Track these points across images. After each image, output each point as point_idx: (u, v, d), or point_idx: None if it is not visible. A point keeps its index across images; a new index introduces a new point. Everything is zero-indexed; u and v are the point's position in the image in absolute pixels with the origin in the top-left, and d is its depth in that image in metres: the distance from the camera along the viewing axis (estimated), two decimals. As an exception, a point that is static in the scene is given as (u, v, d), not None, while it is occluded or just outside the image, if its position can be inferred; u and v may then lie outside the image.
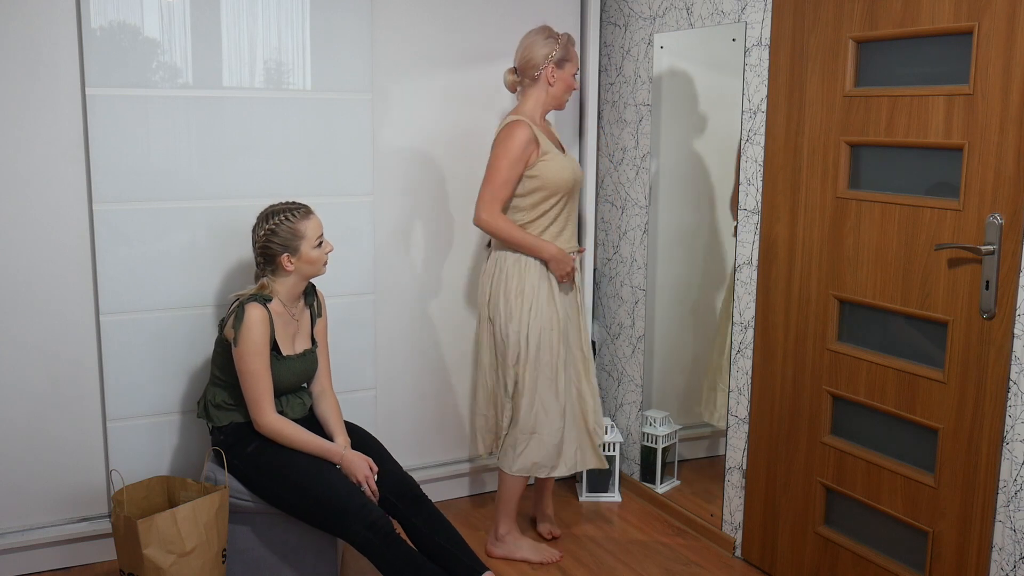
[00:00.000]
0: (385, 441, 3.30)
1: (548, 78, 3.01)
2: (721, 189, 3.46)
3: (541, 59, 2.98)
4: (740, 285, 3.11)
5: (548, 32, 3.02)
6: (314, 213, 2.74)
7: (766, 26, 2.92)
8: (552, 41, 3.00)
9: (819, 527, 2.88)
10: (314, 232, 2.70)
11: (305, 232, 2.68)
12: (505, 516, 3.15)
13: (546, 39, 3.00)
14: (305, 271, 2.73)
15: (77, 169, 2.91)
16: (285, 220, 2.67)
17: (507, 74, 3.09)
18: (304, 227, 2.68)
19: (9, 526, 2.99)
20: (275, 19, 3.05)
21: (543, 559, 3.14)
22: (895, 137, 2.52)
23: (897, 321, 2.60)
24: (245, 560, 2.76)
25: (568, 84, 3.04)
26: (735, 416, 3.18)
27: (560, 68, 3.01)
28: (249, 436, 2.73)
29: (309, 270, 2.74)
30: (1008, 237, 2.25)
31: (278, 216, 2.67)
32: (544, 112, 3.07)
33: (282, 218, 2.67)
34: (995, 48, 2.25)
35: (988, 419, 2.34)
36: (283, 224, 2.66)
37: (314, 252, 2.71)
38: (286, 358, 2.73)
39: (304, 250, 2.69)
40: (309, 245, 2.69)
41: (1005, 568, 2.33)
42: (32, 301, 2.91)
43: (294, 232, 2.67)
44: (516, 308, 3.01)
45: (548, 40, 3.00)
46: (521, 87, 3.07)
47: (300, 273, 2.72)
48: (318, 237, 2.72)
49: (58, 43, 2.83)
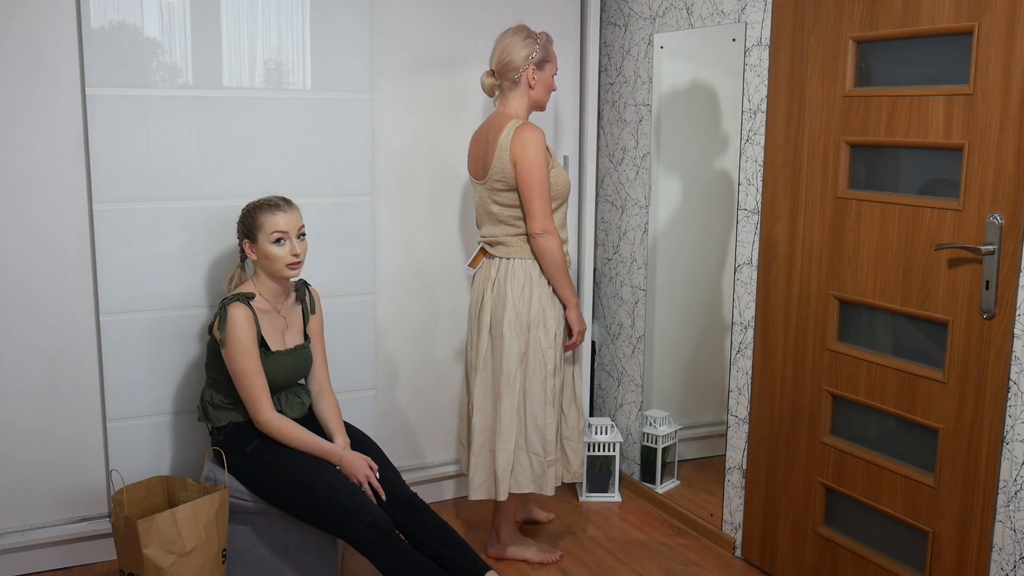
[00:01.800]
0: (384, 441, 3.31)
1: (528, 80, 2.91)
2: (721, 189, 3.46)
3: (521, 61, 2.87)
4: (740, 285, 3.11)
5: (526, 32, 2.91)
6: (285, 211, 2.69)
7: (766, 26, 2.92)
8: (531, 41, 2.89)
9: (819, 527, 2.88)
10: (272, 226, 2.67)
11: (263, 224, 2.68)
12: (507, 519, 3.15)
13: (525, 39, 2.88)
14: (264, 265, 2.72)
15: (77, 169, 2.91)
16: (254, 209, 2.71)
17: (484, 77, 2.95)
18: (264, 219, 2.68)
19: (9, 526, 2.99)
20: (275, 19, 3.05)
21: (544, 559, 3.14)
22: (895, 137, 2.52)
23: (897, 321, 2.60)
24: (245, 560, 2.76)
25: (548, 86, 2.95)
26: (735, 416, 3.18)
27: (540, 70, 2.92)
28: (249, 436, 2.73)
29: (267, 265, 2.71)
30: (1008, 237, 2.25)
31: (252, 204, 2.73)
32: (527, 115, 2.96)
33: (253, 206, 2.72)
34: (995, 48, 2.25)
35: (988, 419, 2.34)
36: (250, 212, 2.71)
37: (271, 247, 2.68)
38: (275, 354, 2.73)
39: (261, 242, 2.69)
40: (266, 238, 2.68)
41: (1005, 568, 2.33)
42: (32, 301, 2.91)
43: (254, 222, 2.70)
44: (552, 315, 2.95)
45: (527, 41, 2.88)
46: (500, 90, 2.95)
47: (262, 267, 2.73)
48: (276, 232, 2.67)
49: (58, 43, 2.83)
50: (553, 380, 2.97)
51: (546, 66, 2.94)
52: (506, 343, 2.92)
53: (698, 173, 3.59)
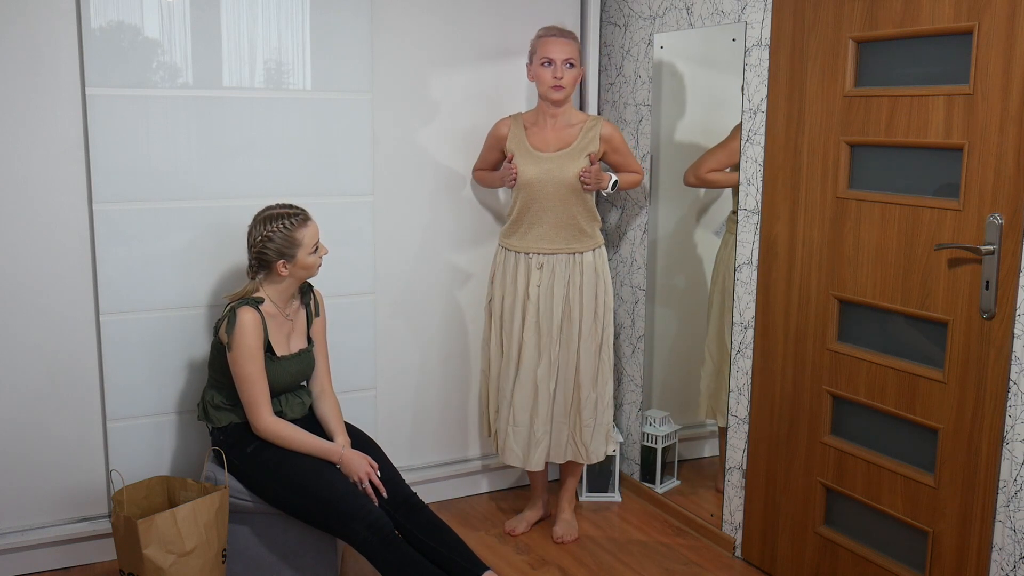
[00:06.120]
0: (385, 441, 3.31)
1: (530, 77, 3.16)
2: (720, 189, 3.46)
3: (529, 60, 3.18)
4: (740, 285, 3.11)
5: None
6: (311, 219, 2.73)
7: (766, 26, 2.92)
8: (532, 41, 3.17)
9: (819, 527, 2.88)
10: (311, 239, 2.70)
11: (302, 240, 2.68)
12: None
13: (532, 41, 3.17)
14: (299, 275, 2.73)
15: (77, 169, 2.91)
16: (282, 228, 2.65)
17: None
18: (302, 235, 2.68)
19: (9, 526, 2.99)
20: (275, 19, 3.05)
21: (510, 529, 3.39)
22: (895, 137, 2.52)
23: (897, 321, 2.60)
24: (245, 560, 2.76)
25: (539, 78, 3.11)
26: (735, 416, 3.18)
27: (531, 64, 3.15)
28: (249, 436, 2.73)
29: (303, 274, 2.74)
30: (1008, 237, 2.25)
31: (275, 223, 2.65)
32: (536, 107, 3.21)
33: (279, 225, 2.65)
34: (995, 48, 2.25)
35: (988, 419, 2.34)
36: (280, 232, 2.65)
37: (309, 258, 2.71)
38: (281, 359, 2.73)
39: (300, 257, 2.68)
40: (305, 252, 2.69)
41: (1005, 568, 2.33)
42: (32, 301, 2.91)
43: (291, 240, 2.66)
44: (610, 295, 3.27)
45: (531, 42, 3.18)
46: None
47: (294, 277, 2.73)
48: (314, 244, 2.71)
49: (58, 43, 2.83)
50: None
51: (534, 58, 3.13)
52: (609, 319, 3.32)
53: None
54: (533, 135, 3.15)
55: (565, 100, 3.12)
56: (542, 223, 3.12)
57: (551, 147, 3.13)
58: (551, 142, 3.13)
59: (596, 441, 3.26)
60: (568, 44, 3.07)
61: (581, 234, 3.15)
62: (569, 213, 3.12)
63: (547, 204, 3.10)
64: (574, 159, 3.09)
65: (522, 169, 3.10)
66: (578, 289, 3.15)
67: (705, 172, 3.29)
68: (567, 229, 3.13)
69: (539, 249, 3.13)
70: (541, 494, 3.43)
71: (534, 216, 3.12)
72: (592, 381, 3.21)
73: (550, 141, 3.13)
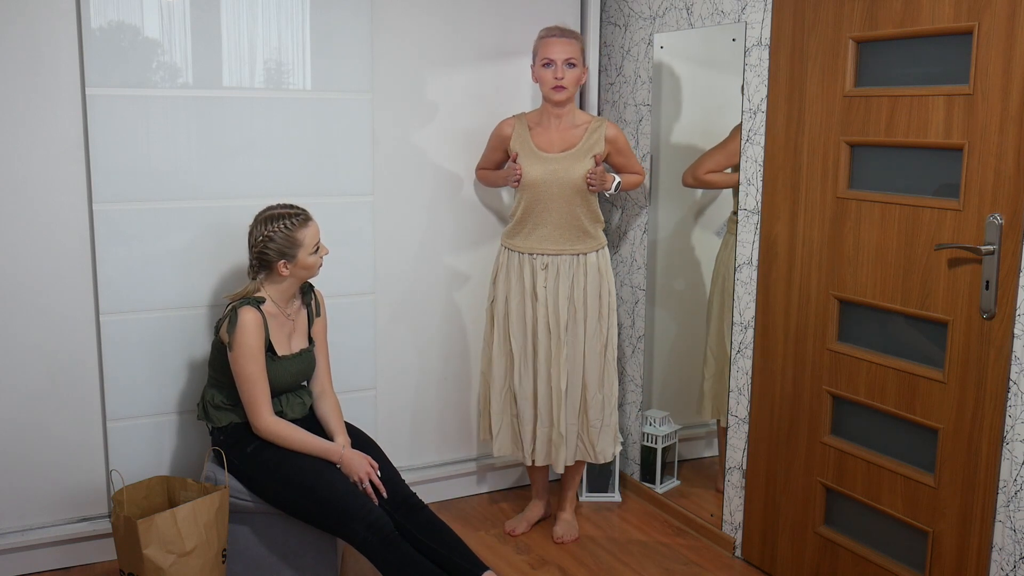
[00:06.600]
0: (384, 441, 3.31)
1: (533, 78, 3.16)
2: (719, 190, 3.46)
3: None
4: (740, 285, 3.11)
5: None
6: (312, 219, 2.73)
7: (766, 26, 2.92)
8: (534, 42, 3.16)
9: (819, 527, 2.88)
10: (312, 240, 2.70)
11: (303, 240, 2.68)
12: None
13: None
14: (300, 275, 2.74)
15: (77, 169, 2.91)
16: (283, 228, 2.65)
17: None
18: (303, 235, 2.68)
19: (9, 526, 2.99)
20: (275, 19, 3.05)
21: (510, 529, 3.38)
22: (895, 137, 2.52)
23: (897, 321, 2.60)
24: (245, 560, 2.76)
25: (540, 79, 3.11)
26: (735, 416, 3.18)
27: (534, 64, 3.15)
28: (249, 436, 2.73)
29: (304, 274, 2.74)
30: (1008, 237, 2.25)
31: (276, 223, 2.66)
32: (540, 107, 3.20)
33: (280, 226, 2.65)
34: (995, 48, 2.25)
35: (988, 419, 2.34)
36: (281, 232, 2.65)
37: (310, 258, 2.71)
38: (282, 358, 2.73)
39: (301, 257, 2.68)
40: (306, 252, 2.69)
41: (1005, 568, 2.33)
42: (32, 301, 2.91)
43: (292, 240, 2.66)
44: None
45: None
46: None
47: (295, 277, 2.73)
48: (315, 244, 2.72)
49: (58, 43, 2.83)
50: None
51: (535, 60, 3.13)
52: (615, 320, 3.34)
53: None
54: (538, 135, 3.15)
55: (568, 100, 3.12)
56: (546, 224, 3.12)
57: (556, 148, 3.13)
58: (556, 143, 3.13)
59: (604, 441, 3.26)
60: (569, 44, 3.07)
61: (585, 235, 3.15)
62: (573, 214, 3.12)
63: (551, 205, 3.10)
64: (579, 160, 3.09)
65: (526, 169, 3.10)
66: (582, 290, 3.15)
67: (703, 173, 3.29)
68: (571, 230, 3.13)
69: (543, 250, 3.13)
70: (541, 494, 3.43)
71: (538, 217, 3.12)
72: (599, 382, 3.21)
73: (555, 142, 3.14)
